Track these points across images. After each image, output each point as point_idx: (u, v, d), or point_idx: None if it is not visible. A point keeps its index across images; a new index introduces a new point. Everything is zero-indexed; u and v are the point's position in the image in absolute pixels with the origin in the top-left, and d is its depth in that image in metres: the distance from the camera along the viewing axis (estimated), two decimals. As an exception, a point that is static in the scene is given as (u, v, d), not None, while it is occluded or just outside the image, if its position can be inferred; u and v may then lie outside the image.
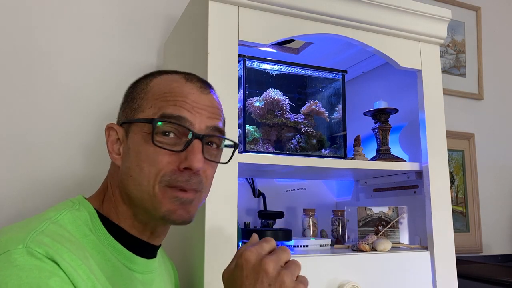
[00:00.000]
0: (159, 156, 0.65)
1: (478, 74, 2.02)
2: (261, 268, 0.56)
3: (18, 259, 0.53)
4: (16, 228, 0.60)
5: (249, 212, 1.38)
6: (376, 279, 1.01)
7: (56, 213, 0.64)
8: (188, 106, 0.67)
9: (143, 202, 0.66)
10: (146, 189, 0.65)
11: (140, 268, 0.70)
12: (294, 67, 1.13)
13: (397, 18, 1.11)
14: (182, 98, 0.68)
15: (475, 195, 1.91)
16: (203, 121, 0.68)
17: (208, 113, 0.69)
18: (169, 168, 0.65)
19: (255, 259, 0.57)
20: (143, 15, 1.38)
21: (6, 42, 1.20)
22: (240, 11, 0.95)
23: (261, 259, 0.57)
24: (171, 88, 0.69)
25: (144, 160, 0.65)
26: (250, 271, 0.57)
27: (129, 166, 0.67)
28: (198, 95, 0.69)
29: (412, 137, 1.20)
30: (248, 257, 0.57)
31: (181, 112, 0.66)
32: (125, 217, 0.69)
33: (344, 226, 1.24)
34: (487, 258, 1.80)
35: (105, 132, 0.72)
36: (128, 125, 0.69)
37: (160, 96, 0.68)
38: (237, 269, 0.58)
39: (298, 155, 1.08)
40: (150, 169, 0.65)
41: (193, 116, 0.67)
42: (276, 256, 0.58)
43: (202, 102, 0.69)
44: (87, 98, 1.27)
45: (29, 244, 0.55)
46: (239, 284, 0.57)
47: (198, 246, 0.86)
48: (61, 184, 1.21)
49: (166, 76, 0.72)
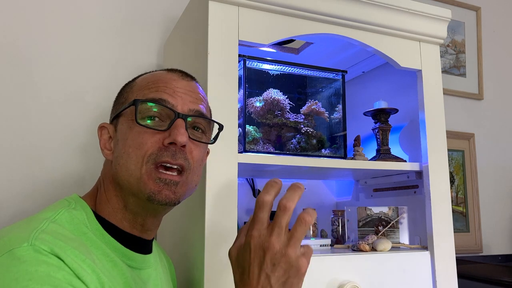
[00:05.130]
0: (144, 137, 0.67)
1: (478, 74, 2.02)
2: (266, 247, 0.58)
3: (25, 256, 0.54)
4: (15, 228, 0.60)
5: (249, 212, 1.38)
6: (376, 279, 1.01)
7: (54, 212, 0.65)
8: (169, 90, 0.70)
9: (131, 186, 0.67)
10: (134, 172, 0.66)
11: (136, 264, 0.71)
12: (294, 67, 1.13)
13: (397, 18, 1.11)
14: (164, 84, 0.71)
15: (475, 195, 1.91)
16: (186, 104, 0.70)
17: (190, 97, 0.71)
18: (155, 146, 0.66)
19: (260, 239, 0.59)
20: (143, 15, 1.38)
21: (5, 42, 1.20)
22: (240, 11, 0.95)
23: (265, 239, 0.59)
24: (154, 77, 0.73)
25: (130, 145, 0.67)
26: (256, 251, 0.59)
27: (118, 155, 0.69)
28: (179, 81, 0.72)
29: (412, 137, 1.20)
30: (253, 237, 0.59)
31: (162, 95, 0.69)
32: (115, 211, 0.70)
33: (344, 226, 1.24)
34: (487, 258, 1.80)
35: (98, 132, 0.74)
36: (116, 119, 0.72)
37: (143, 87, 0.71)
38: (245, 249, 0.60)
39: (298, 155, 1.08)
40: (137, 152, 0.66)
41: (175, 99, 0.69)
42: (278, 228, 0.59)
43: (184, 87, 0.72)
44: (87, 98, 1.27)
45: (33, 242, 0.55)
46: (247, 264, 0.59)
47: (198, 245, 0.86)
48: (61, 184, 1.21)
49: (151, 72, 0.76)
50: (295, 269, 0.58)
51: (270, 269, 0.57)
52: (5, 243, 0.56)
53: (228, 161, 0.88)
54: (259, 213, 0.60)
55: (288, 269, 0.58)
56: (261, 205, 0.60)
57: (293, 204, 0.60)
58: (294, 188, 0.61)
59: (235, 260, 0.63)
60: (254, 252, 0.59)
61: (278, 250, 0.58)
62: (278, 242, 0.58)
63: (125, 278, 0.67)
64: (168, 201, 0.67)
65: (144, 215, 0.71)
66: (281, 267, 0.58)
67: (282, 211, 0.59)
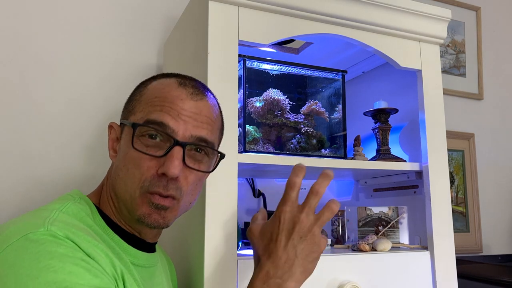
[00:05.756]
0: (141, 160, 0.66)
1: (478, 74, 2.02)
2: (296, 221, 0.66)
3: (43, 238, 0.55)
4: (27, 217, 0.61)
5: (249, 212, 1.38)
6: (376, 279, 1.01)
7: (61, 204, 0.65)
8: (173, 112, 0.67)
9: (126, 202, 0.68)
10: (130, 190, 0.66)
11: (140, 262, 0.72)
12: (294, 67, 1.13)
13: (397, 18, 1.11)
14: (169, 104, 0.67)
15: (475, 195, 1.91)
16: (188, 129, 0.67)
17: (195, 121, 0.68)
18: (149, 173, 0.65)
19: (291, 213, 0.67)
20: (143, 15, 1.38)
21: (7, 44, 1.20)
22: (240, 11, 0.95)
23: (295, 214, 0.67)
24: (162, 92, 0.69)
25: (129, 162, 0.67)
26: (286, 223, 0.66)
27: (118, 166, 0.69)
28: (187, 102, 0.68)
29: (412, 137, 1.20)
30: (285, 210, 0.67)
31: (164, 118, 0.66)
32: (116, 211, 0.71)
33: (344, 226, 1.24)
34: (487, 258, 1.80)
35: (108, 130, 0.74)
36: (123, 125, 0.72)
37: (150, 101, 0.69)
38: (274, 222, 0.67)
39: (298, 155, 1.08)
40: (134, 172, 0.66)
41: (177, 124, 0.66)
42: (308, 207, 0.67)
43: (190, 109, 0.68)
44: (88, 98, 1.27)
45: (49, 227, 0.57)
46: (276, 233, 0.66)
47: (198, 245, 0.86)
48: (62, 185, 1.21)
49: (163, 80, 0.72)
50: (317, 246, 0.66)
51: (297, 240, 0.65)
52: (19, 229, 0.56)
53: (228, 161, 0.88)
54: (290, 192, 0.68)
55: (312, 244, 0.66)
56: (292, 186, 0.68)
57: (323, 189, 0.68)
58: (325, 175, 0.70)
59: (259, 234, 0.68)
60: (283, 224, 0.66)
61: (307, 226, 0.66)
62: (307, 219, 0.66)
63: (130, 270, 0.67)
64: (157, 225, 0.67)
65: (138, 227, 0.72)
66: (306, 241, 0.65)
67: (313, 194, 0.68)
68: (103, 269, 0.57)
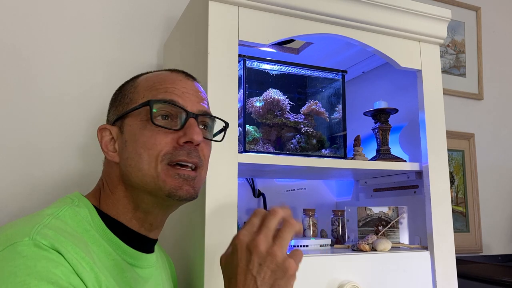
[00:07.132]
0: (158, 137, 0.67)
1: (478, 74, 2.02)
2: (252, 247, 0.57)
3: (25, 250, 0.54)
4: (19, 223, 0.61)
5: (249, 212, 1.38)
6: (376, 279, 1.01)
7: (57, 209, 0.65)
8: (178, 91, 0.71)
9: (146, 186, 0.68)
10: (148, 172, 0.67)
11: (138, 263, 0.72)
12: (294, 67, 1.13)
13: (397, 18, 1.11)
14: (172, 84, 0.71)
15: (475, 195, 1.91)
16: (194, 105, 0.71)
17: (197, 97, 0.73)
18: (169, 146, 0.67)
19: (247, 240, 0.59)
20: (143, 15, 1.38)
21: (6, 43, 1.20)
22: (240, 11, 0.95)
23: (252, 238, 0.58)
24: (159, 78, 0.73)
25: (141, 146, 0.68)
26: (243, 252, 0.58)
27: (128, 157, 0.69)
28: (186, 81, 0.73)
29: (412, 137, 1.20)
30: (240, 238, 0.59)
31: (172, 96, 0.70)
32: (125, 211, 0.70)
33: (344, 226, 1.24)
34: (487, 258, 1.80)
35: (98, 134, 0.73)
36: (121, 120, 0.71)
37: (150, 87, 0.72)
38: (233, 252, 0.60)
39: (298, 155, 1.08)
40: (149, 152, 0.67)
41: (184, 101, 0.70)
42: (266, 229, 0.59)
43: (190, 87, 0.73)
44: (87, 98, 1.27)
45: (34, 236, 0.56)
46: (234, 266, 0.58)
47: (198, 245, 0.86)
48: (60, 184, 1.21)
49: (151, 72, 0.77)
50: (281, 270, 0.57)
51: (257, 269, 0.57)
52: (7, 237, 0.57)
53: (228, 161, 0.88)
54: (252, 217, 0.61)
55: (275, 270, 0.57)
56: (257, 213, 0.62)
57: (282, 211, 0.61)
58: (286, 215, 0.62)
59: (223, 265, 0.61)
60: (240, 253, 0.58)
61: (265, 249, 0.57)
62: (265, 242, 0.58)
63: (125, 277, 0.67)
64: (189, 196, 0.68)
65: (156, 213, 0.72)
66: (267, 267, 0.57)
67: (271, 214, 0.60)
68: (84, 285, 0.56)
